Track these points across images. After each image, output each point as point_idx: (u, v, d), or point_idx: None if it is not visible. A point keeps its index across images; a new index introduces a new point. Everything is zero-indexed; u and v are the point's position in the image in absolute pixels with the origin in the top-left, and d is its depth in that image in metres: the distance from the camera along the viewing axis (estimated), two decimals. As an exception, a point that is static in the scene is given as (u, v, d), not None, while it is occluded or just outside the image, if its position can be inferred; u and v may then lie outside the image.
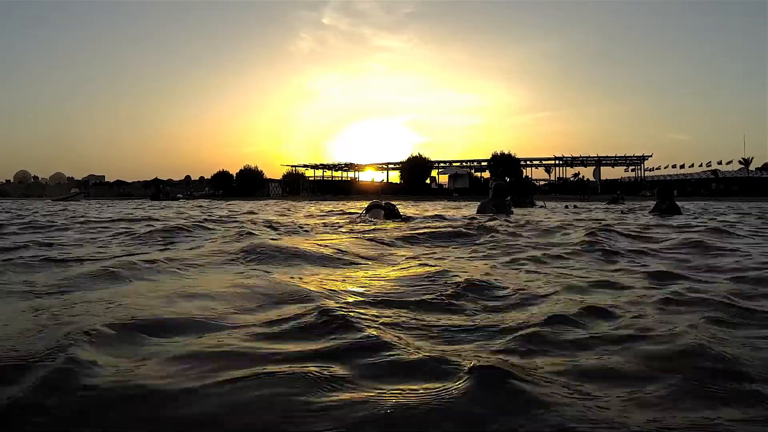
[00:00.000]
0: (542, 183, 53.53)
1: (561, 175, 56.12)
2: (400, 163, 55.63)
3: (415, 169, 53.01)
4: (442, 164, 55.56)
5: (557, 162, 54.84)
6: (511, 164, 47.89)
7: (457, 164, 55.42)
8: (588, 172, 52.78)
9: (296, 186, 56.84)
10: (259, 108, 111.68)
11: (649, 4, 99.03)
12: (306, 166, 60.99)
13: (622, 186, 46.13)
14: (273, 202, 27.34)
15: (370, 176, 61.67)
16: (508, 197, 10.39)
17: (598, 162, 51.27)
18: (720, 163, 53.74)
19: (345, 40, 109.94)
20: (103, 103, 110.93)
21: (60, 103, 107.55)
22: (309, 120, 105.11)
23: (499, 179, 15.36)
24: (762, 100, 69.97)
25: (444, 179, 53.93)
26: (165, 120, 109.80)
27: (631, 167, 54.34)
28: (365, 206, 7.89)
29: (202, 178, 66.46)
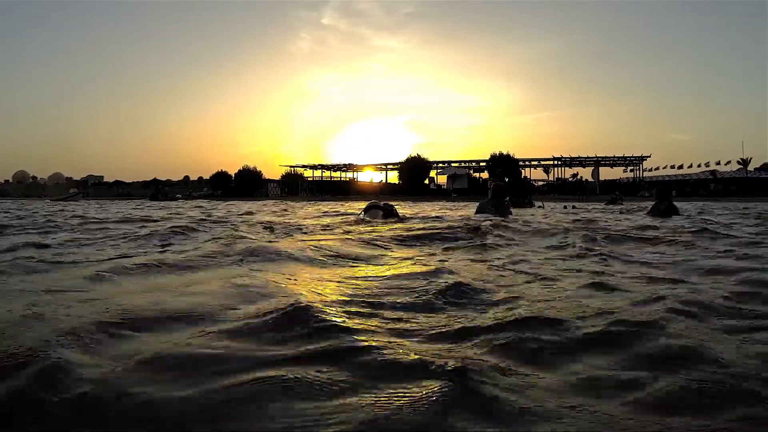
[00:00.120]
0: (541, 183, 53.54)
1: (559, 176, 56.21)
2: (399, 163, 55.60)
3: (414, 170, 52.99)
4: (440, 165, 55.54)
5: (556, 162, 54.90)
6: (509, 165, 47.87)
7: (456, 165, 55.41)
8: (587, 173, 52.89)
9: (295, 186, 56.78)
10: (258, 108, 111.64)
11: (647, 4, 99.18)
12: (305, 166, 61.01)
13: (620, 186, 46.15)
14: (272, 202, 27.29)
15: (368, 177, 61.77)
16: (507, 198, 10.39)
17: (597, 162, 51.32)
18: (718, 163, 53.83)
19: (345, 41, 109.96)
20: (103, 103, 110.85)
21: (59, 103, 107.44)
22: (308, 120, 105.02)
23: (497, 180, 15.36)
24: (761, 101, 70.10)
25: (443, 180, 53.86)
26: (164, 120, 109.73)
27: (630, 168, 54.42)
28: (363, 207, 8.04)
29: (200, 178, 66.41)
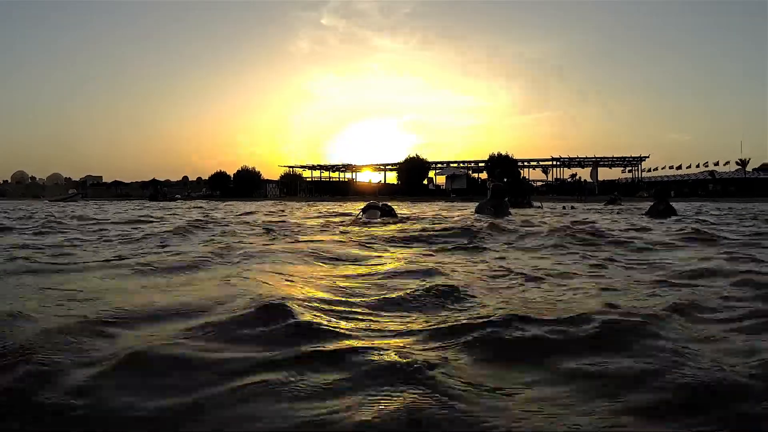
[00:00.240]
0: (539, 184, 53.53)
1: (558, 176, 56.22)
2: (398, 163, 55.56)
3: (413, 170, 52.95)
4: (439, 165, 55.50)
5: (554, 163, 54.90)
6: (508, 165, 47.84)
7: (455, 165, 55.39)
8: (585, 173, 52.88)
9: (294, 187, 56.72)
10: (257, 108, 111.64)
11: (646, 4, 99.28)
12: (304, 167, 60.94)
13: (619, 187, 46.20)
14: (270, 203, 27.27)
15: (367, 177, 61.74)
16: (506, 198, 10.41)
17: (596, 163, 51.32)
18: (717, 164, 53.87)
19: (344, 41, 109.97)
20: (102, 104, 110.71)
21: (59, 103, 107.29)
22: (307, 120, 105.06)
23: (496, 180, 15.37)
24: (760, 102, 70.23)
25: (441, 180, 53.83)
26: (163, 120, 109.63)
27: (629, 168, 54.44)
28: (362, 207, 8.14)
29: (199, 178, 66.31)
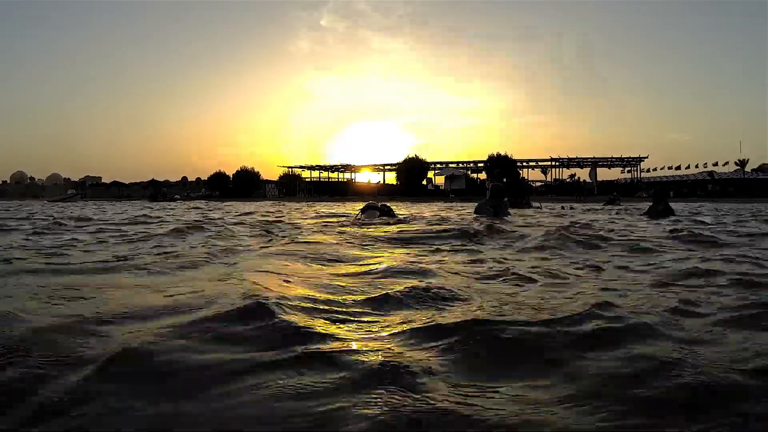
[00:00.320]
0: (538, 184, 53.55)
1: (557, 177, 56.22)
2: (397, 164, 55.52)
3: (412, 171, 52.94)
4: (438, 165, 55.50)
5: (553, 163, 54.89)
6: (507, 165, 47.89)
7: (454, 165, 55.37)
8: (584, 174, 52.86)
9: (293, 187, 56.70)
10: (256, 109, 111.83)
11: (645, 4, 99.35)
12: (303, 167, 60.89)
13: (618, 187, 46.24)
14: (269, 203, 27.28)
15: (366, 177, 61.67)
16: (505, 198, 10.42)
17: (595, 163, 51.32)
18: (716, 164, 53.93)
19: (343, 42, 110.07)
20: (101, 104, 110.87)
21: (58, 103, 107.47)
22: (306, 121, 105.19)
23: (496, 180, 15.39)
24: (759, 102, 70.33)
25: (440, 180, 53.84)
26: (162, 121, 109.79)
27: (628, 168, 54.45)
28: (361, 207, 8.26)
29: (198, 179, 66.21)
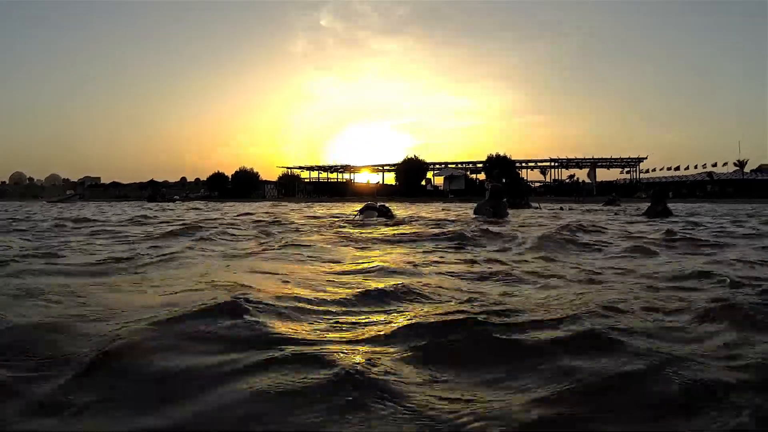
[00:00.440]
0: (537, 185, 53.61)
1: (556, 177, 56.28)
2: (396, 164, 55.54)
3: (411, 171, 52.95)
4: (437, 166, 55.54)
5: (552, 164, 54.95)
6: (506, 166, 47.95)
7: (453, 166, 55.41)
8: (583, 174, 52.85)
9: (292, 188, 56.72)
10: (255, 109, 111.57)
11: (644, 5, 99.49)
12: (302, 167, 60.94)
13: (617, 188, 46.32)
14: (269, 203, 27.27)
15: (365, 178, 61.70)
16: (505, 199, 10.45)
17: (594, 164, 51.36)
18: (715, 165, 53.98)
19: (342, 42, 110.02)
20: (100, 104, 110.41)
21: (57, 104, 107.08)
22: (305, 121, 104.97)
23: (495, 181, 15.41)
24: (758, 103, 70.41)
25: (439, 181, 53.87)
26: (161, 121, 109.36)
27: (627, 169, 54.51)
28: (359, 208, 8.50)
29: (197, 179, 66.17)
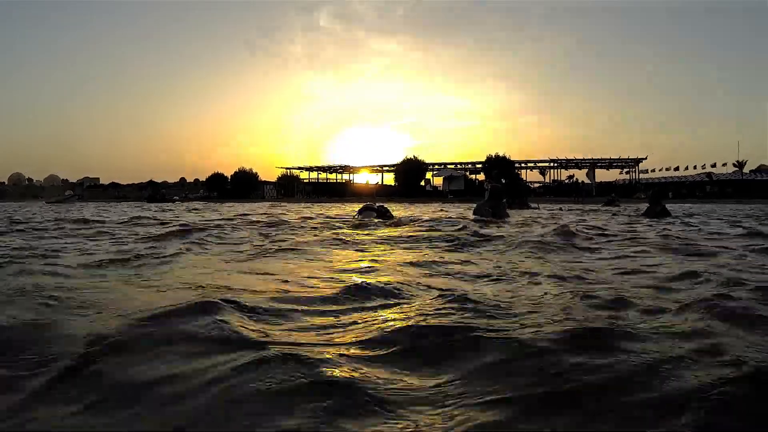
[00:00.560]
0: (537, 185, 53.66)
1: (555, 178, 56.32)
2: (395, 165, 55.56)
3: (410, 172, 52.98)
4: (436, 166, 55.58)
5: (552, 164, 55.00)
6: (506, 166, 48.02)
7: (452, 166, 55.46)
8: (582, 175, 52.92)
9: (291, 188, 56.74)
10: (255, 110, 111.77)
11: (643, 5, 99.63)
12: (301, 168, 60.95)
13: (616, 188, 46.37)
14: (268, 204, 27.27)
15: (364, 178, 61.72)
16: (504, 199, 10.45)
17: (593, 164, 51.41)
18: (714, 165, 54.07)
19: (341, 43, 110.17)
20: (99, 104, 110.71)
21: (57, 104, 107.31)
22: (305, 122, 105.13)
23: (494, 181, 15.42)
24: (757, 103, 70.53)
25: (439, 181, 53.96)
26: (161, 121, 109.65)
27: (626, 170, 54.57)
28: (358, 209, 8.62)
29: (197, 180, 66.22)
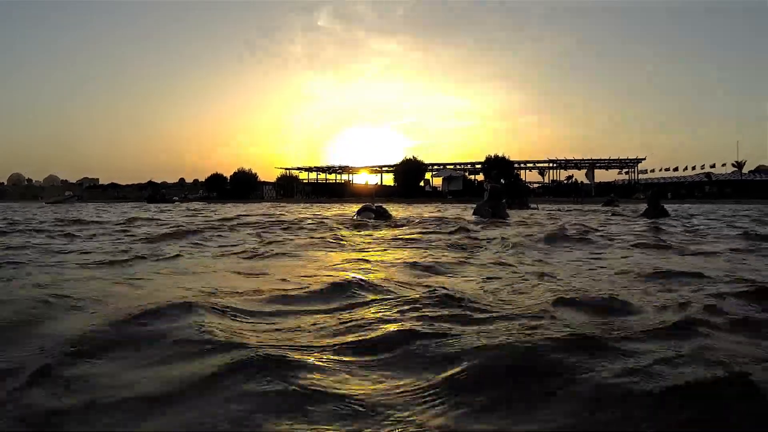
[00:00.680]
0: (536, 185, 53.69)
1: (555, 178, 56.37)
2: (394, 165, 55.61)
3: (409, 172, 53.02)
4: (435, 167, 55.62)
5: (551, 165, 55.05)
6: (505, 167, 48.07)
7: (451, 167, 55.51)
8: (582, 175, 52.95)
9: (290, 189, 56.73)
10: (254, 110, 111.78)
11: (643, 5, 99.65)
12: (300, 168, 60.97)
13: (615, 189, 46.39)
14: (267, 204, 27.27)
15: (364, 179, 61.73)
16: (504, 200, 10.46)
17: (592, 165, 51.44)
18: (713, 165, 54.12)
19: (340, 43, 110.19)
20: (99, 105, 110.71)
21: (57, 104, 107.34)
22: (304, 122, 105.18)
23: (494, 182, 15.44)
24: (757, 103, 70.57)
25: (438, 182, 54.02)
26: (160, 122, 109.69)
27: (625, 170, 54.62)
28: (357, 209, 8.79)
29: (196, 180, 66.19)
